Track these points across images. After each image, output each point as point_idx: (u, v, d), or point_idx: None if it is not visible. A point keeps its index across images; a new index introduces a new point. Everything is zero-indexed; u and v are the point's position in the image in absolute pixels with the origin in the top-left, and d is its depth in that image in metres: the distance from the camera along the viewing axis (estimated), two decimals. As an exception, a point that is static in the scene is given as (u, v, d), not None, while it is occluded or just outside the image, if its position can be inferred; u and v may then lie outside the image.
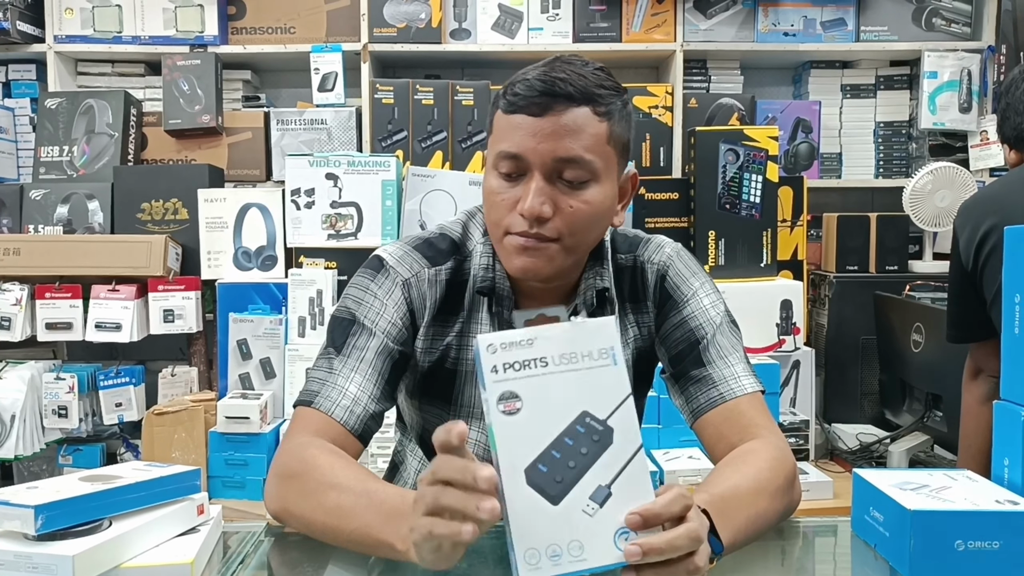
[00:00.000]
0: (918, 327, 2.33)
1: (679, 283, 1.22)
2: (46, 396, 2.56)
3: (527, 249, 1.08)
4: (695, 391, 1.17)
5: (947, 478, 1.04)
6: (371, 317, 1.15)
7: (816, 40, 2.95)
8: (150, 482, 0.96)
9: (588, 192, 1.08)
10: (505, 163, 1.07)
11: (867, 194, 3.13)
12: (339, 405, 1.09)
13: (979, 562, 0.91)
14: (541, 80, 1.05)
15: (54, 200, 2.72)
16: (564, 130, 1.04)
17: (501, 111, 1.09)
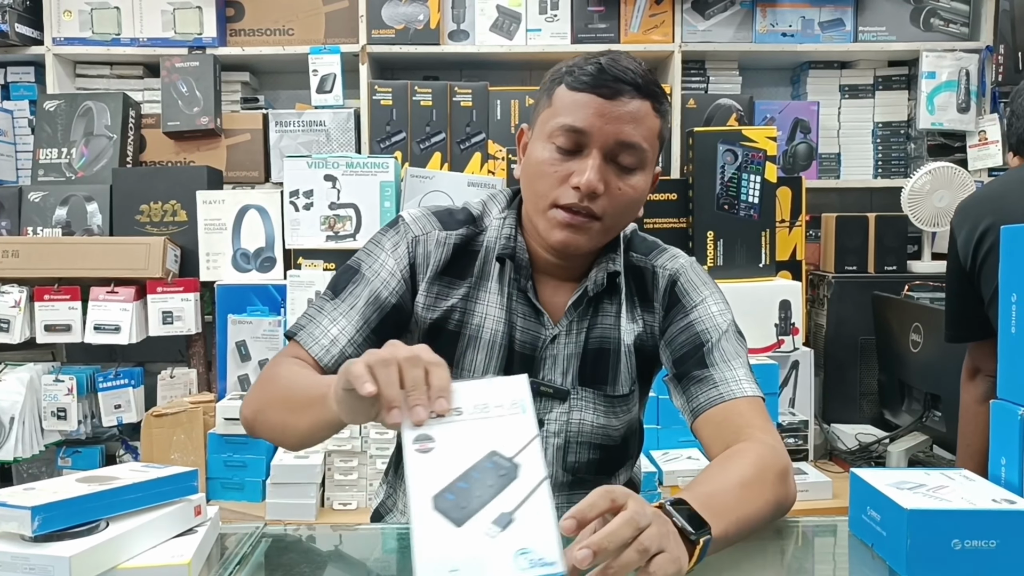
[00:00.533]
0: (917, 327, 2.33)
1: (689, 289, 1.25)
2: (45, 398, 2.56)
3: (572, 225, 1.14)
4: (696, 391, 1.19)
5: (944, 478, 1.04)
6: (374, 268, 1.22)
7: (814, 40, 2.95)
8: (147, 483, 0.96)
9: (635, 178, 1.15)
10: (566, 136, 1.12)
11: (866, 194, 3.13)
12: (318, 343, 1.17)
13: (976, 561, 0.91)
14: (613, 66, 1.12)
15: (53, 202, 2.72)
16: (629, 116, 1.11)
17: (566, 87, 1.13)
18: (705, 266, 2.63)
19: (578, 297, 1.23)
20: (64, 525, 0.87)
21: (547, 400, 1.23)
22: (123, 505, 0.93)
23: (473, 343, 1.23)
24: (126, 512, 0.93)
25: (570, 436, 1.24)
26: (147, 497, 0.95)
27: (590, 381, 1.24)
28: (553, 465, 1.25)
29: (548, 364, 1.23)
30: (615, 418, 1.26)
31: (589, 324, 1.24)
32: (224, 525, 1.12)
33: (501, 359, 1.22)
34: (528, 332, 1.23)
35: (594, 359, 1.24)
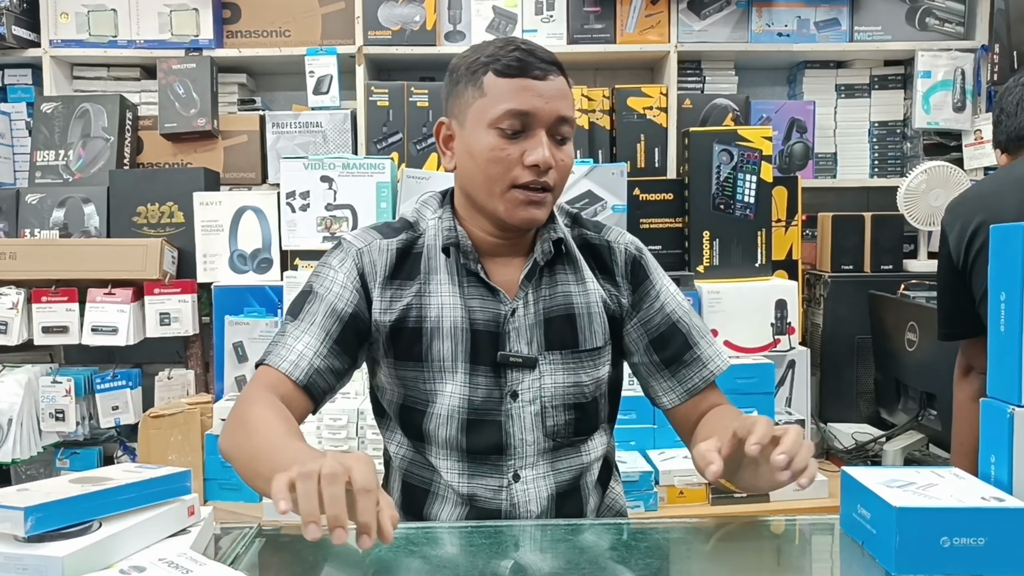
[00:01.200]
0: (912, 326, 2.34)
1: (652, 269, 1.37)
2: (43, 400, 2.56)
3: (532, 202, 1.23)
4: (689, 372, 1.33)
5: (934, 475, 1.04)
6: (326, 285, 1.27)
7: (810, 40, 2.96)
8: (140, 484, 0.96)
9: (569, 148, 1.26)
10: (512, 121, 1.20)
11: (862, 194, 3.14)
12: (286, 360, 1.22)
13: (965, 558, 0.92)
14: (535, 50, 1.22)
15: (50, 204, 2.73)
16: (560, 93, 1.22)
17: (496, 75, 1.21)
18: (701, 266, 2.64)
19: (530, 268, 1.30)
20: (57, 526, 0.88)
21: (518, 370, 1.29)
22: (116, 506, 0.94)
23: (436, 334, 1.28)
24: (119, 512, 0.94)
25: (545, 400, 1.30)
26: (140, 498, 0.96)
27: (558, 344, 1.30)
28: (534, 431, 1.30)
29: (512, 337, 1.29)
30: (584, 374, 1.32)
31: (549, 292, 1.31)
32: (219, 525, 1.13)
33: (466, 342, 1.28)
34: (487, 311, 1.29)
35: (560, 323, 1.31)
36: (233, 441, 1.15)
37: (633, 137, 2.90)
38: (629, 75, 3.17)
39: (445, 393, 1.28)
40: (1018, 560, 0.92)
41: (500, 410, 1.29)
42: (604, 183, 2.60)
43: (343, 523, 0.86)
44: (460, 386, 1.28)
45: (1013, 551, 0.92)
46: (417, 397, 1.30)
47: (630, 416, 2.44)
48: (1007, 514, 0.92)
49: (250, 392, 1.20)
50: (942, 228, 1.90)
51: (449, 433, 1.29)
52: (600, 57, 3.01)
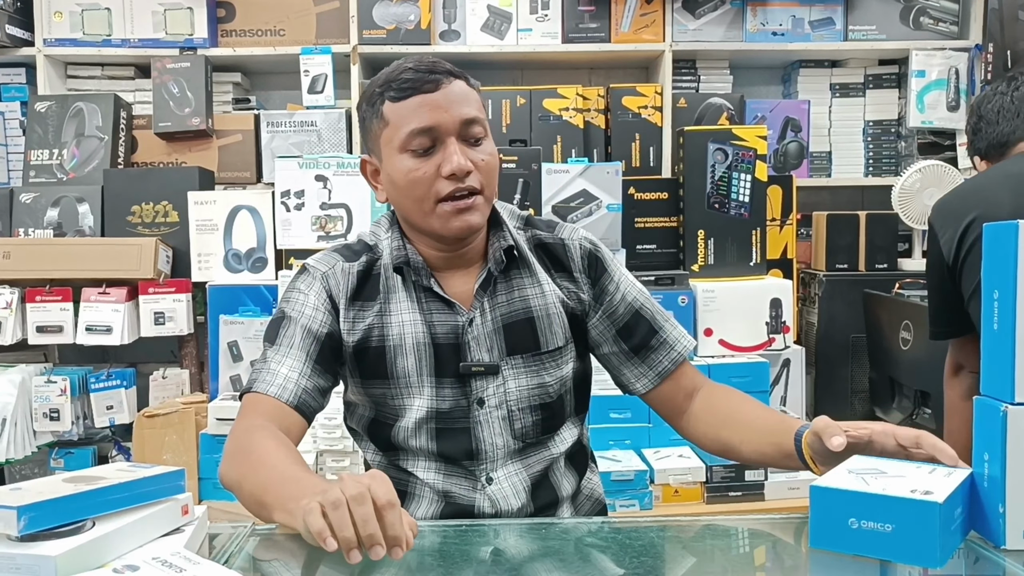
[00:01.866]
0: (907, 325, 2.34)
1: (608, 262, 1.38)
2: (37, 399, 2.56)
3: (461, 210, 1.23)
4: (657, 356, 1.36)
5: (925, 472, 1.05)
6: (297, 309, 1.29)
7: (804, 39, 2.96)
8: (134, 483, 0.96)
9: (487, 146, 1.26)
10: (418, 139, 1.21)
11: (856, 193, 3.15)
12: (274, 385, 1.23)
13: (871, 541, 0.95)
14: (422, 66, 1.22)
15: (44, 203, 2.72)
16: (458, 97, 1.22)
17: (392, 102, 1.23)
18: (696, 265, 2.64)
19: (484, 279, 1.31)
20: (50, 525, 0.88)
21: (481, 378, 1.31)
22: (109, 505, 0.93)
23: (400, 352, 1.30)
24: (112, 512, 0.93)
25: (511, 404, 1.32)
26: (133, 497, 0.96)
27: (519, 348, 1.32)
28: (503, 435, 1.32)
29: (473, 346, 1.30)
30: (547, 375, 1.34)
31: (506, 299, 1.32)
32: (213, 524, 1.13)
33: (429, 356, 1.30)
34: (446, 324, 1.30)
35: (519, 328, 1.32)
36: (237, 472, 1.15)
37: (628, 136, 2.90)
38: (624, 74, 3.17)
39: (413, 407, 1.31)
40: (923, 549, 0.93)
41: (468, 417, 1.31)
42: (599, 182, 2.60)
43: (379, 541, 0.90)
44: (427, 399, 1.30)
45: (919, 540, 0.94)
46: (387, 412, 1.33)
47: (625, 415, 2.45)
48: (913, 505, 0.94)
49: (245, 421, 1.21)
50: (930, 227, 1.90)
51: (420, 443, 1.32)
52: (595, 56, 3.01)
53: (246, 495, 1.12)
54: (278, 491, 1.04)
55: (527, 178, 2.60)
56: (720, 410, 1.34)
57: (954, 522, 0.98)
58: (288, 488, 1.03)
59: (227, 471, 1.18)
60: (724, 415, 1.33)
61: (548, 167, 2.61)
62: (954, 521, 0.98)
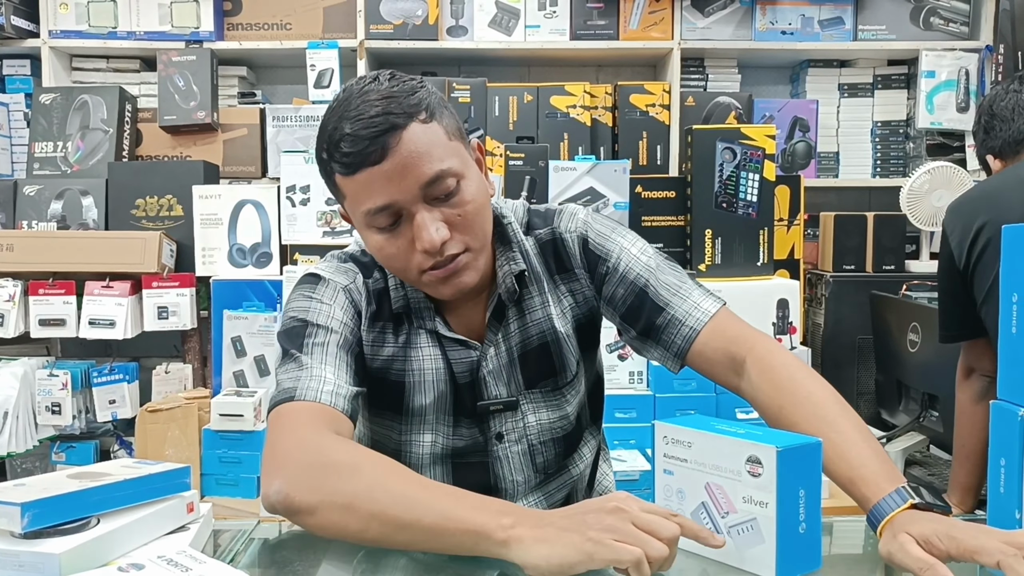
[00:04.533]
0: (914, 327, 2.32)
1: (602, 243, 1.22)
2: (39, 393, 2.55)
3: (448, 277, 1.09)
4: (668, 336, 1.17)
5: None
6: (322, 319, 1.14)
7: (814, 39, 2.95)
8: (139, 480, 0.94)
9: (464, 192, 1.06)
10: (380, 218, 1.05)
11: (864, 193, 3.13)
12: (323, 392, 1.06)
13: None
14: (361, 128, 1.01)
15: (48, 196, 2.71)
16: (413, 157, 1.01)
17: (341, 176, 1.05)
18: (702, 265, 2.63)
19: (493, 310, 1.19)
20: (54, 522, 0.86)
21: (499, 415, 1.21)
22: (114, 502, 0.92)
23: (419, 388, 1.19)
24: (117, 509, 0.92)
25: (531, 439, 1.23)
26: (139, 494, 0.94)
27: (537, 380, 1.22)
28: (524, 470, 1.23)
29: (490, 382, 1.20)
30: (568, 405, 1.25)
31: (519, 326, 1.21)
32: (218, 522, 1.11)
33: (450, 394, 1.20)
34: (461, 362, 1.19)
35: (536, 357, 1.21)
36: (341, 491, 0.93)
37: (635, 134, 2.89)
38: (632, 72, 3.16)
39: (425, 443, 1.22)
40: None
41: (486, 451, 1.23)
42: (606, 180, 2.59)
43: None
44: (443, 436, 1.22)
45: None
46: (388, 446, 1.24)
47: (630, 415, 2.43)
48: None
49: (308, 433, 1.01)
50: (943, 230, 1.89)
51: (434, 476, 1.23)
52: (603, 54, 3.00)
53: (359, 515, 0.91)
54: (440, 506, 0.89)
55: (534, 175, 2.59)
56: (790, 407, 1.08)
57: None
58: (453, 502, 0.89)
59: (301, 490, 0.94)
60: (802, 418, 1.07)
61: (555, 164, 2.60)
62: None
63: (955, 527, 0.87)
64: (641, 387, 2.49)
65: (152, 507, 0.95)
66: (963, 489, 1.93)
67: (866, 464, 0.98)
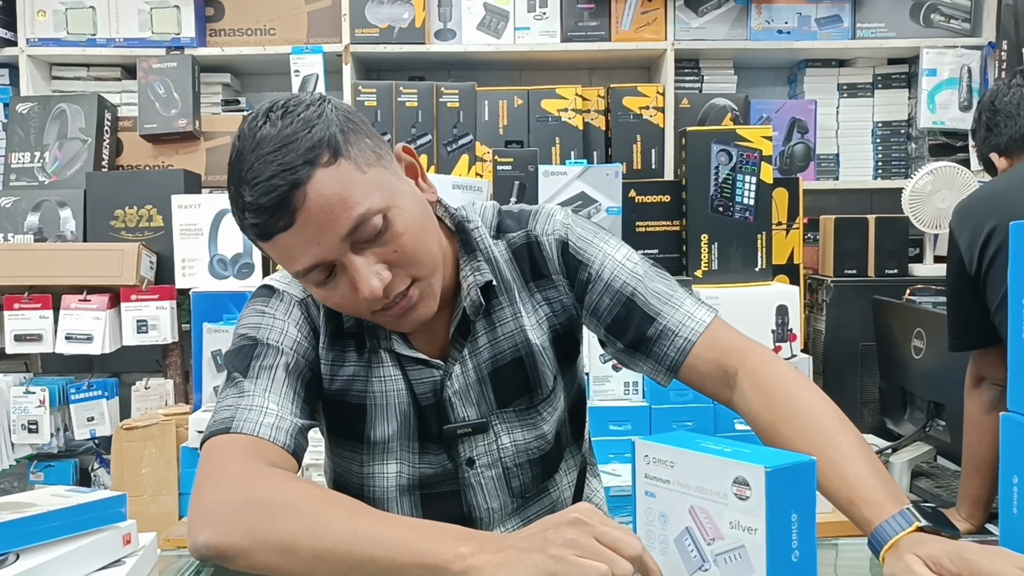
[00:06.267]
0: (919, 333, 2.24)
1: (583, 247, 1.13)
2: (15, 410, 2.47)
3: (403, 314, 1.01)
4: (660, 348, 1.09)
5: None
6: (274, 337, 1.05)
7: (811, 38, 2.87)
8: (67, 511, 0.86)
9: (395, 226, 0.96)
10: (313, 275, 0.97)
11: (865, 196, 3.05)
12: (263, 424, 0.96)
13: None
14: (260, 196, 0.91)
15: (24, 208, 2.63)
16: (323, 212, 0.92)
17: (261, 243, 0.97)
18: (698, 271, 2.55)
19: (458, 325, 1.10)
20: (-33, 559, 0.79)
21: (468, 439, 1.12)
22: (38, 535, 0.84)
23: (381, 413, 1.10)
24: (41, 543, 0.84)
25: (506, 462, 1.14)
26: (66, 526, 0.86)
27: (511, 397, 1.13)
28: (499, 497, 1.15)
29: (455, 402, 1.11)
30: (544, 423, 1.16)
31: (489, 340, 1.12)
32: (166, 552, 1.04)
33: (414, 418, 1.11)
34: (423, 382, 1.10)
35: (508, 372, 1.13)
36: (278, 533, 0.83)
37: (629, 138, 2.81)
38: (625, 74, 3.08)
39: (390, 475, 1.12)
40: None
41: (456, 479, 1.13)
42: (598, 185, 2.51)
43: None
44: (409, 465, 1.12)
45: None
46: (351, 480, 1.15)
47: (625, 427, 2.35)
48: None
49: (241, 467, 0.91)
50: (951, 232, 1.81)
51: (402, 511, 1.14)
52: (595, 56, 2.92)
53: (303, 556, 0.82)
54: (391, 540, 0.80)
55: (523, 180, 2.51)
56: (783, 422, 1.02)
57: None
58: (404, 534, 0.81)
59: (236, 534, 0.84)
60: (794, 433, 1.01)
61: (545, 169, 2.52)
62: None
63: (966, 549, 0.80)
64: (636, 398, 2.41)
65: (81, 540, 0.87)
66: (972, 502, 1.84)
67: (866, 483, 0.92)
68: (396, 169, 1.01)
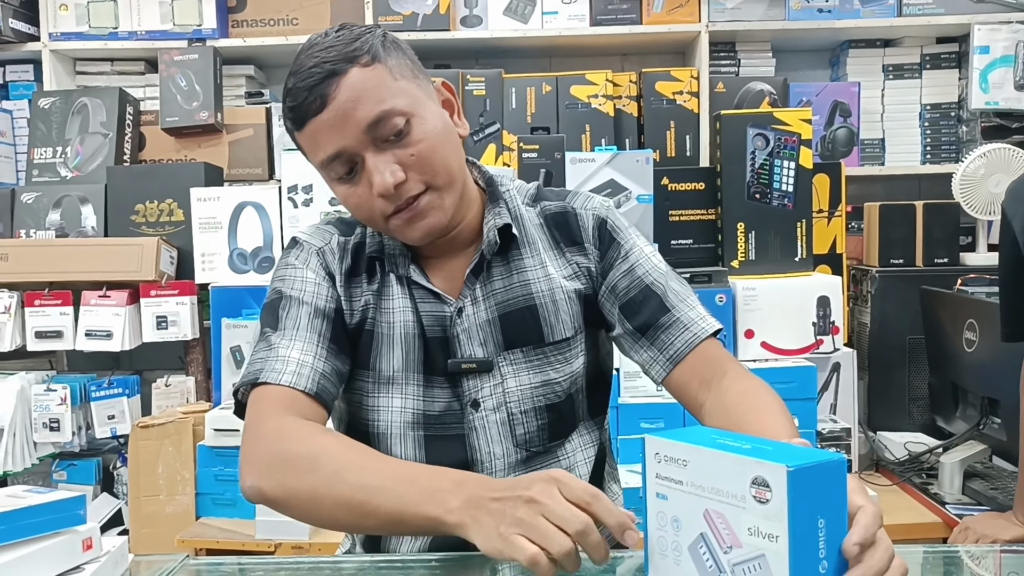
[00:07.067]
0: (971, 324, 2.11)
1: (619, 229, 1.21)
2: (36, 408, 2.43)
3: (412, 219, 1.07)
4: (668, 337, 1.15)
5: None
6: (297, 287, 1.12)
7: (854, 16, 2.73)
8: (15, 513, 0.79)
9: (416, 131, 1.04)
10: (334, 167, 1.06)
11: (913, 182, 2.90)
12: (286, 372, 1.05)
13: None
14: (301, 81, 1.03)
15: (46, 204, 2.60)
16: (352, 102, 1.02)
17: (295, 131, 1.07)
18: (735, 261, 2.43)
19: (476, 263, 1.15)
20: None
21: (474, 377, 1.15)
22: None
23: (387, 341, 1.15)
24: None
25: (511, 406, 1.15)
26: (15, 530, 0.79)
27: (518, 341, 1.16)
28: (502, 443, 1.15)
29: (463, 339, 1.14)
30: (553, 370, 1.17)
31: (503, 284, 1.17)
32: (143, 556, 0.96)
33: (418, 349, 1.14)
34: (432, 315, 1.15)
35: (519, 317, 1.16)
36: (296, 480, 0.94)
37: (662, 124, 2.70)
38: (657, 59, 2.96)
39: (395, 409, 1.15)
40: None
41: (462, 423, 1.14)
42: (628, 172, 2.40)
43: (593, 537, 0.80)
44: (413, 400, 1.14)
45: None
46: (362, 415, 1.17)
47: (657, 425, 2.24)
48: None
49: (270, 421, 1.00)
50: (1003, 213, 1.69)
51: (405, 452, 1.14)
52: (626, 40, 2.81)
53: (324, 506, 0.93)
54: (394, 493, 0.89)
55: (550, 168, 2.42)
56: (730, 412, 1.06)
57: None
58: (406, 488, 0.88)
59: (270, 484, 0.96)
60: (732, 420, 1.04)
61: (572, 156, 2.42)
62: None
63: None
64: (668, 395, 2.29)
65: (33, 546, 0.79)
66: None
67: (777, 426, 0.98)
68: (431, 92, 1.10)
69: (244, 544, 2.04)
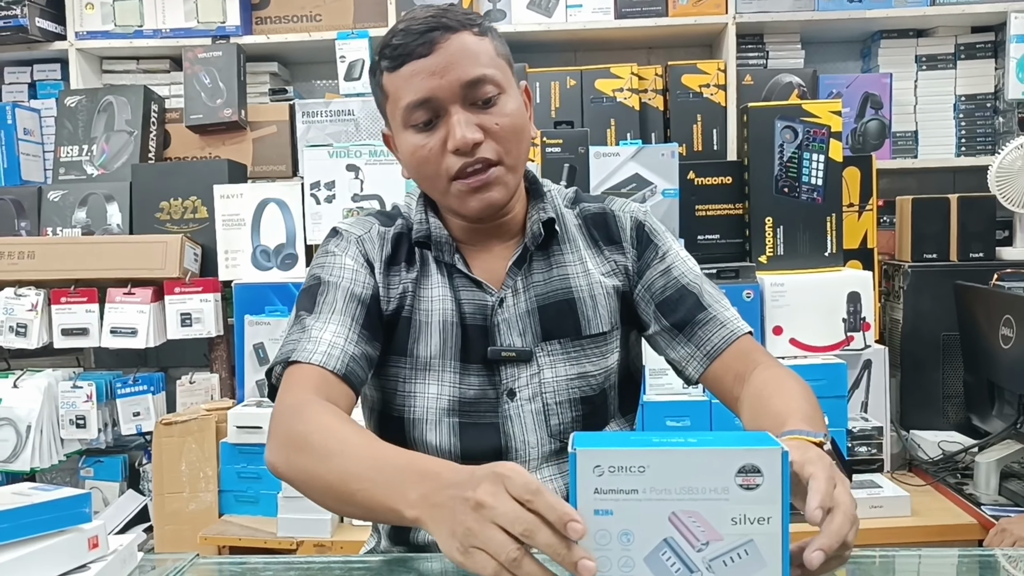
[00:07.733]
0: (1008, 320, 2.05)
1: (656, 233, 1.24)
2: (63, 405, 2.45)
3: (477, 188, 1.09)
4: (705, 334, 1.18)
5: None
6: (335, 273, 1.14)
7: (886, 6, 2.66)
8: (19, 511, 0.78)
9: (504, 105, 1.09)
10: (417, 113, 1.08)
11: (947, 175, 2.83)
12: (317, 352, 1.06)
13: None
14: (412, 25, 1.07)
15: (72, 201, 2.62)
16: (458, 56, 1.06)
17: (388, 72, 1.10)
18: (764, 256, 2.39)
19: (519, 255, 1.18)
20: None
21: (512, 366, 1.17)
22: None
23: (426, 328, 1.16)
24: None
25: (547, 397, 1.17)
26: (19, 528, 0.78)
27: (556, 333, 1.18)
28: (536, 432, 1.17)
29: (503, 329, 1.17)
30: (589, 363, 1.19)
31: (544, 277, 1.19)
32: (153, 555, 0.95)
33: (456, 338, 1.16)
34: (473, 303, 1.17)
35: (558, 310, 1.18)
36: (294, 461, 0.97)
37: (689, 118, 2.66)
38: (684, 52, 2.92)
39: (430, 395, 1.16)
40: None
41: (497, 411, 1.16)
42: (653, 166, 2.37)
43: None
44: (449, 386, 1.16)
45: None
46: (397, 401, 1.18)
47: (683, 423, 2.21)
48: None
49: (289, 397, 1.03)
50: None
51: (440, 439, 1.16)
52: (651, 33, 2.77)
53: (316, 489, 0.94)
54: (367, 489, 0.87)
55: (573, 162, 2.39)
56: (755, 399, 1.09)
57: None
58: (383, 491, 0.85)
59: (279, 460, 0.98)
60: (758, 405, 1.07)
61: (596, 150, 2.39)
62: None
63: (841, 478, 0.83)
64: (696, 393, 2.26)
65: (37, 544, 0.78)
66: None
67: (801, 409, 0.99)
68: (518, 86, 1.15)
69: (266, 542, 2.03)
